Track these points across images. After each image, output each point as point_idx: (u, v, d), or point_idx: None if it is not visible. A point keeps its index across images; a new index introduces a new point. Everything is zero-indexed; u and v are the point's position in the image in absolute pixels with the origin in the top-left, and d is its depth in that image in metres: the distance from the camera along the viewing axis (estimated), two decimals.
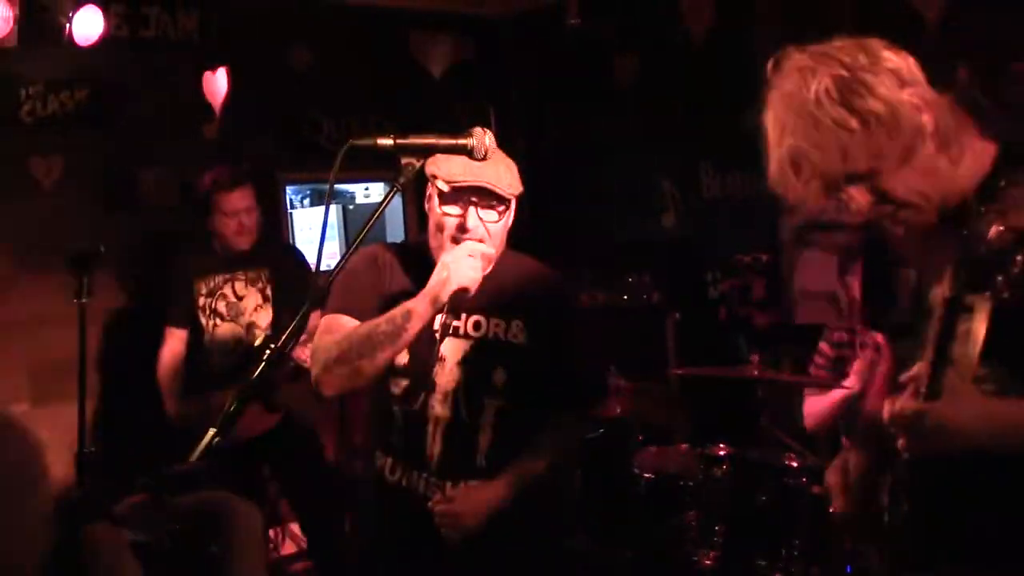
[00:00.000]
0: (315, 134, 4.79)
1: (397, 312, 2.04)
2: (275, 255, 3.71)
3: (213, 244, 3.60)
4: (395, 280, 2.21)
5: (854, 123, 1.46)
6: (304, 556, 4.16)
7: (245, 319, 3.59)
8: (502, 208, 2.13)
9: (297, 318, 1.64)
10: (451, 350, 2.17)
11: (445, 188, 2.11)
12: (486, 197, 2.11)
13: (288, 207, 4.93)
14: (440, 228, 2.14)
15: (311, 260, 3.77)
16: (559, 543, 2.54)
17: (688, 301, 4.69)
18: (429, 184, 2.16)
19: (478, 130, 1.80)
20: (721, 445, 3.36)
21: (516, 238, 2.25)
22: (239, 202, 3.51)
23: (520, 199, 2.18)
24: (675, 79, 4.89)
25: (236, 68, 4.30)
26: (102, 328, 4.01)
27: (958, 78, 4.06)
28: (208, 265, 3.59)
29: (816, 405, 3.37)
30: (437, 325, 2.15)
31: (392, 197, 1.74)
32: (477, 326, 2.18)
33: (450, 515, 2.10)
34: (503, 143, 2.13)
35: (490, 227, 2.12)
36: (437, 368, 2.16)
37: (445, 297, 2.04)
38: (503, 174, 2.12)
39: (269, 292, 3.63)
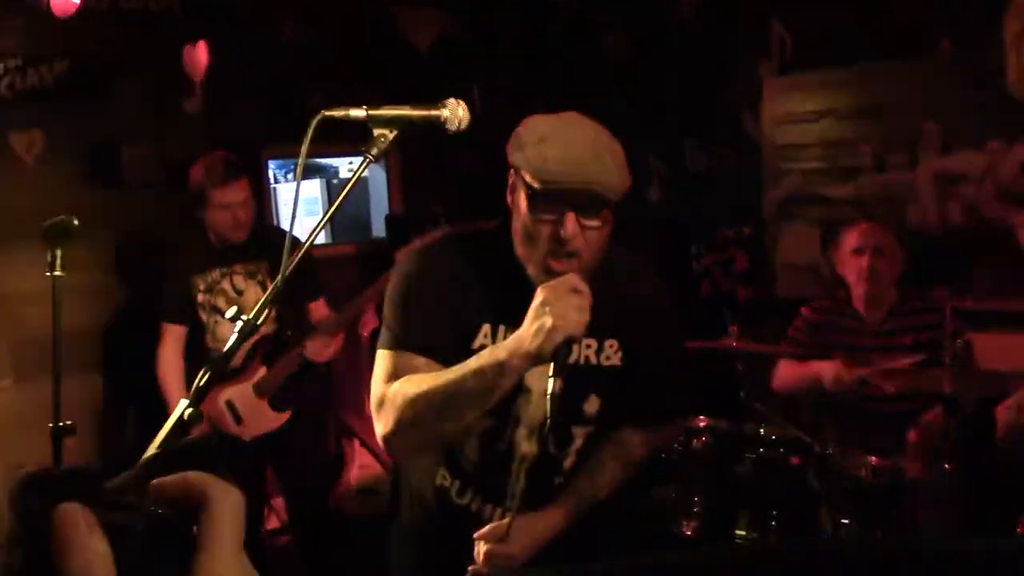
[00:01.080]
0: (299, 108, 4.77)
1: (487, 365, 1.66)
2: (273, 245, 3.66)
3: (208, 236, 3.51)
4: (470, 292, 1.83)
5: None
6: (287, 530, 4.18)
7: (246, 313, 3.48)
8: (607, 211, 1.74)
9: (270, 290, 1.65)
10: (537, 380, 1.79)
11: (536, 186, 1.70)
12: (589, 200, 1.70)
13: (272, 182, 4.90)
14: (530, 236, 1.74)
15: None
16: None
17: (672, 275, 4.70)
18: (512, 172, 1.80)
19: (452, 101, 1.75)
20: (701, 417, 3.37)
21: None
22: (234, 195, 3.38)
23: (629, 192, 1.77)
24: (662, 54, 4.88)
25: (219, 41, 4.26)
26: (87, 306, 4.00)
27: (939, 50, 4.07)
28: (204, 260, 3.50)
29: (786, 371, 3.41)
30: None
31: (363, 169, 1.73)
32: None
33: (500, 556, 1.82)
34: (491, 119, 2.04)
35: (590, 236, 1.72)
36: (521, 401, 1.86)
37: (549, 350, 1.60)
38: (610, 168, 1.72)
39: (269, 284, 3.54)
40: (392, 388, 1.75)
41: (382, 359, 1.82)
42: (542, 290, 1.64)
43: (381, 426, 1.78)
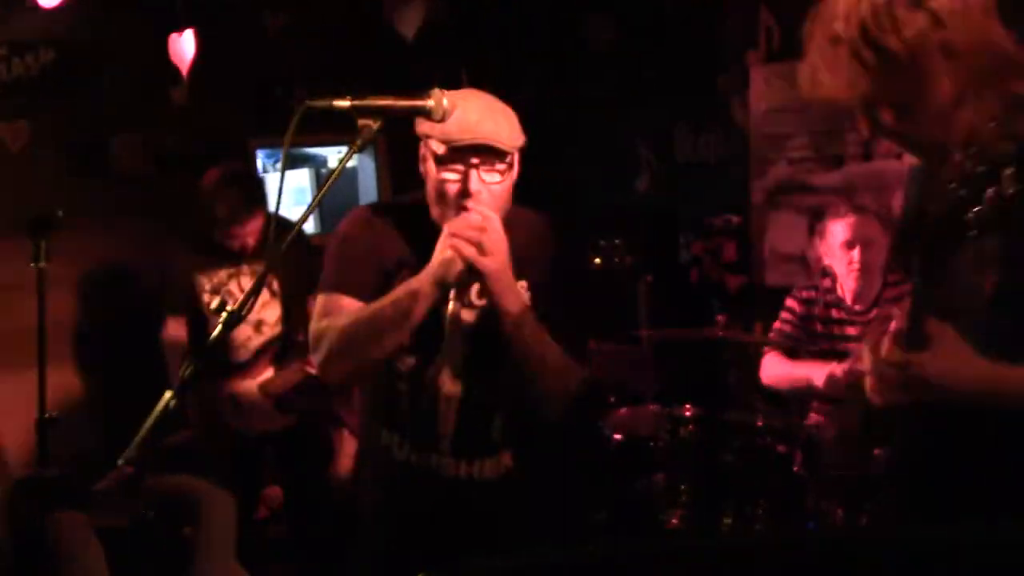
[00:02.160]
0: (286, 97, 4.75)
1: (402, 293, 1.91)
2: (284, 251, 3.62)
3: (215, 236, 3.46)
4: (393, 247, 2.06)
5: (869, 56, 1.40)
6: (278, 519, 4.19)
7: (253, 316, 3.46)
8: (504, 166, 1.96)
9: (256, 280, 1.65)
10: (456, 320, 2.03)
11: (441, 150, 1.94)
12: (487, 155, 1.93)
13: (260, 171, 4.89)
14: (440, 195, 1.96)
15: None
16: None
17: (660, 264, 4.72)
18: (422, 144, 2.01)
19: (436, 91, 1.78)
20: (687, 406, 3.39)
21: None
22: (252, 227, 3.41)
23: (523, 149, 2.01)
24: (649, 41, 4.87)
25: (207, 30, 4.24)
26: (74, 295, 3.99)
27: None
28: (210, 258, 3.48)
29: (777, 368, 3.41)
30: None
31: (348, 159, 1.73)
32: (481, 293, 2.01)
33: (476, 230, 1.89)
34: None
35: (494, 188, 1.95)
36: (443, 339, 2.03)
37: (452, 278, 1.90)
38: (502, 126, 1.96)
39: (276, 286, 3.53)
40: (324, 323, 2.00)
41: (318, 303, 2.05)
42: (448, 224, 1.91)
43: (317, 357, 2.00)
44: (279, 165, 5.92)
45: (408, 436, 2.09)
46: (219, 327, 1.58)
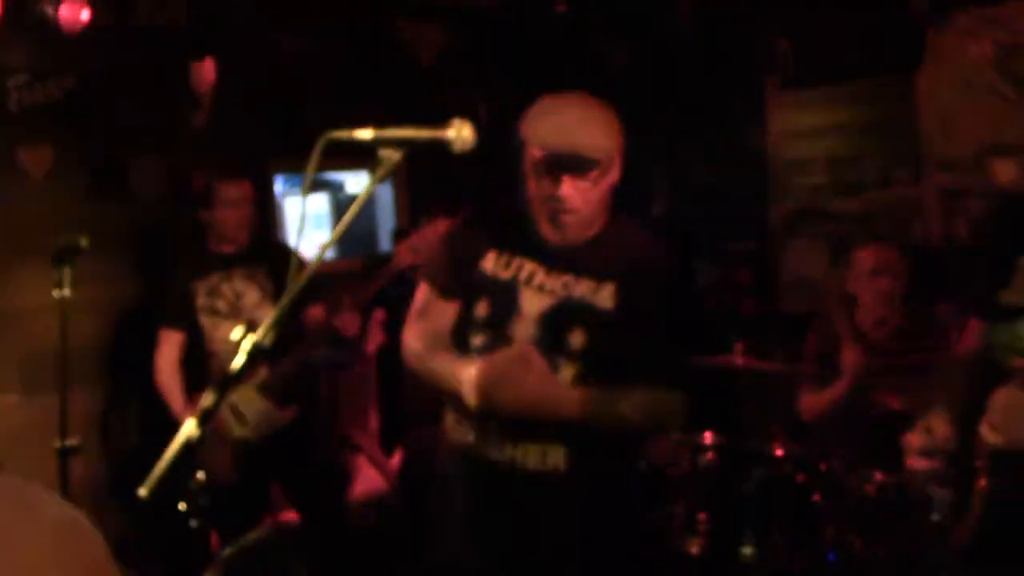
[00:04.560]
0: (304, 122, 4.78)
1: (445, 379, 2.06)
2: (273, 253, 3.70)
3: (209, 243, 3.60)
4: (491, 231, 2.16)
5: (1009, 91, 1.40)
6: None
7: (245, 315, 3.56)
8: (596, 172, 1.99)
9: (276, 311, 1.65)
10: (532, 305, 2.06)
11: (537, 154, 2.01)
12: (579, 161, 1.98)
13: (279, 195, 4.91)
14: (537, 197, 2.05)
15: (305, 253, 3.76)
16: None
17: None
18: (524, 147, 2.06)
19: (456, 121, 1.78)
20: (707, 434, 3.37)
21: None
22: (238, 192, 3.53)
23: (622, 147, 2.05)
24: (665, 66, 4.88)
25: (225, 56, 4.28)
26: (96, 319, 4.00)
27: None
28: (205, 266, 3.58)
29: (813, 400, 3.38)
30: (521, 275, 2.09)
31: (370, 190, 1.74)
32: (565, 285, 2.06)
33: (497, 376, 1.94)
34: (492, 132, 2.11)
35: (586, 194, 2.00)
36: (515, 322, 2.07)
37: (470, 404, 1.98)
38: (595, 132, 2.01)
39: (269, 289, 3.61)
40: (410, 338, 2.20)
41: (421, 291, 2.22)
42: (490, 360, 1.98)
43: (404, 353, 2.22)
44: (297, 190, 5.96)
45: (466, 413, 2.08)
46: (242, 357, 1.58)
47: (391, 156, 1.71)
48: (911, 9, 3.97)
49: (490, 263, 2.13)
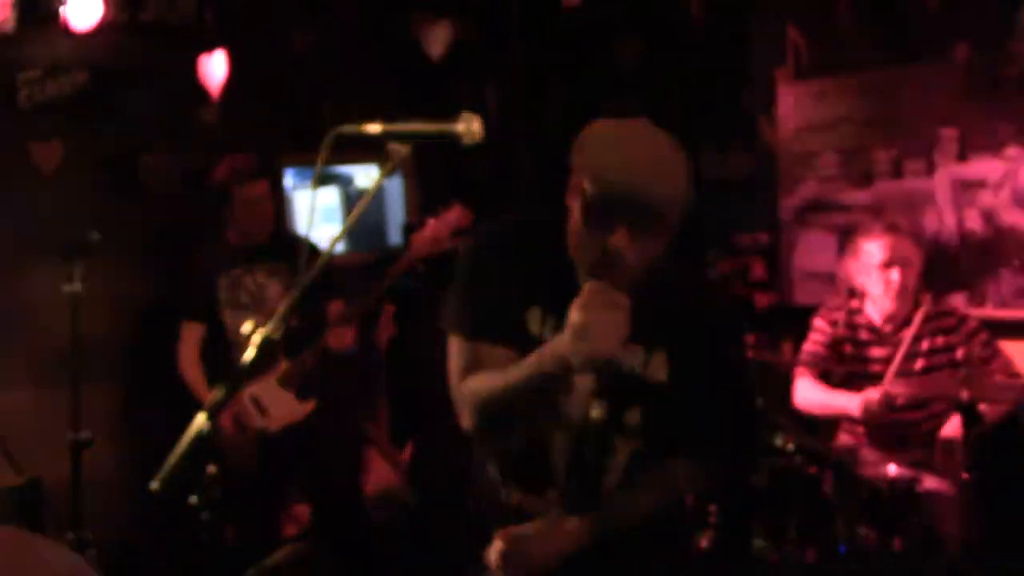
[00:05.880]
0: (315, 116, 4.79)
1: (533, 367, 1.70)
2: (293, 247, 3.72)
3: (228, 237, 3.62)
4: (523, 274, 1.84)
5: None
6: (303, 537, 4.19)
7: (268, 308, 3.58)
8: (662, 228, 1.67)
9: (288, 302, 1.66)
10: (583, 380, 1.80)
11: (593, 192, 1.65)
12: (645, 214, 1.63)
13: (289, 189, 4.93)
14: (582, 241, 1.72)
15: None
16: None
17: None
18: (574, 173, 1.74)
19: (466, 115, 1.78)
20: None
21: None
22: (258, 191, 3.57)
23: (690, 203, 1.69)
24: (675, 59, 4.87)
25: (236, 51, 4.29)
26: (106, 314, 4.02)
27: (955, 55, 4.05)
28: (227, 260, 3.63)
29: (811, 393, 3.37)
30: None
31: (379, 184, 1.75)
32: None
33: (516, 555, 1.80)
34: (504, 126, 2.07)
35: (643, 250, 1.66)
36: (565, 399, 1.83)
37: (579, 363, 1.63)
38: (672, 184, 1.67)
39: (290, 283, 3.63)
40: (467, 383, 1.81)
41: (455, 349, 1.86)
42: (580, 302, 1.61)
43: (463, 410, 1.83)
44: (308, 183, 5.98)
45: (518, 483, 1.93)
46: (254, 350, 1.59)
47: (400, 150, 1.72)
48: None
49: (535, 323, 1.83)
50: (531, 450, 1.90)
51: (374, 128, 1.70)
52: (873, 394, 3.14)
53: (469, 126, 1.76)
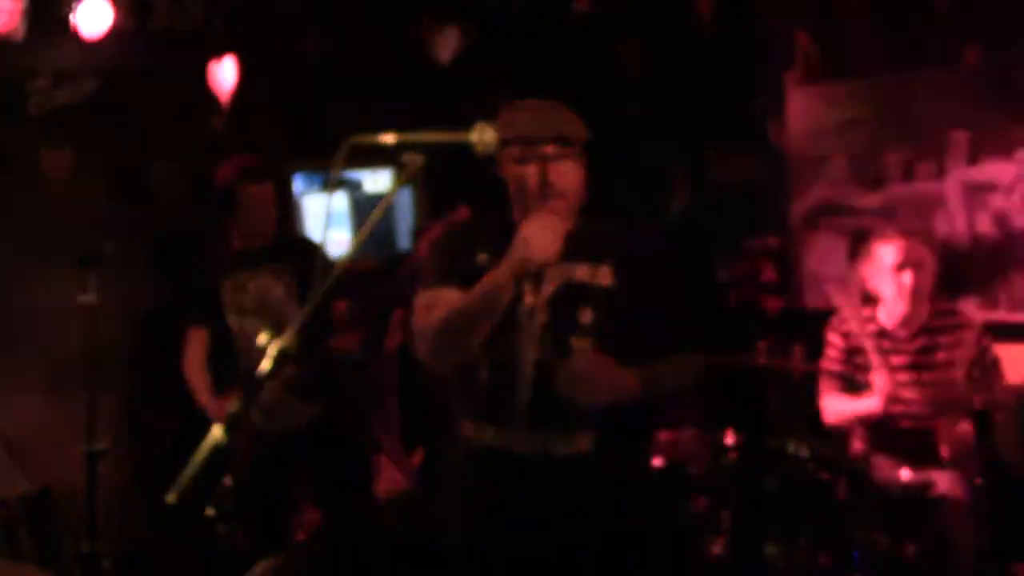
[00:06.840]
0: (323, 122, 4.79)
1: (487, 285, 2.06)
2: (297, 250, 3.70)
3: (232, 241, 3.60)
4: (481, 247, 2.21)
5: None
6: (315, 541, 4.20)
7: (272, 311, 3.53)
8: (575, 157, 2.17)
9: (304, 313, 1.66)
10: (536, 291, 2.16)
11: (520, 150, 2.13)
12: (560, 147, 2.13)
13: (298, 194, 4.94)
14: (521, 189, 2.15)
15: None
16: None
17: (697, 286, 4.68)
18: (503, 158, 2.16)
19: (480, 124, 1.81)
20: (729, 432, 3.35)
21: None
22: (263, 193, 3.51)
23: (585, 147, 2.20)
24: (683, 63, 4.86)
25: (244, 57, 4.29)
26: (116, 321, 4.03)
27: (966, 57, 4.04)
28: (231, 264, 3.56)
29: (839, 406, 3.35)
30: None
31: (395, 193, 1.76)
32: (564, 270, 2.16)
33: (579, 376, 2.07)
34: None
35: (568, 177, 2.16)
36: (522, 309, 2.15)
37: (527, 269, 2.05)
38: (569, 118, 2.18)
39: (294, 286, 3.59)
40: (426, 317, 2.15)
41: (420, 300, 2.20)
42: (524, 224, 2.06)
43: (423, 348, 2.17)
44: (316, 189, 5.99)
45: (486, 416, 2.18)
46: (269, 362, 1.59)
47: (415, 160, 1.74)
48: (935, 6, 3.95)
49: (485, 260, 2.18)
50: (496, 383, 2.15)
51: (389, 138, 1.71)
52: (883, 384, 3.15)
53: (483, 136, 1.80)
